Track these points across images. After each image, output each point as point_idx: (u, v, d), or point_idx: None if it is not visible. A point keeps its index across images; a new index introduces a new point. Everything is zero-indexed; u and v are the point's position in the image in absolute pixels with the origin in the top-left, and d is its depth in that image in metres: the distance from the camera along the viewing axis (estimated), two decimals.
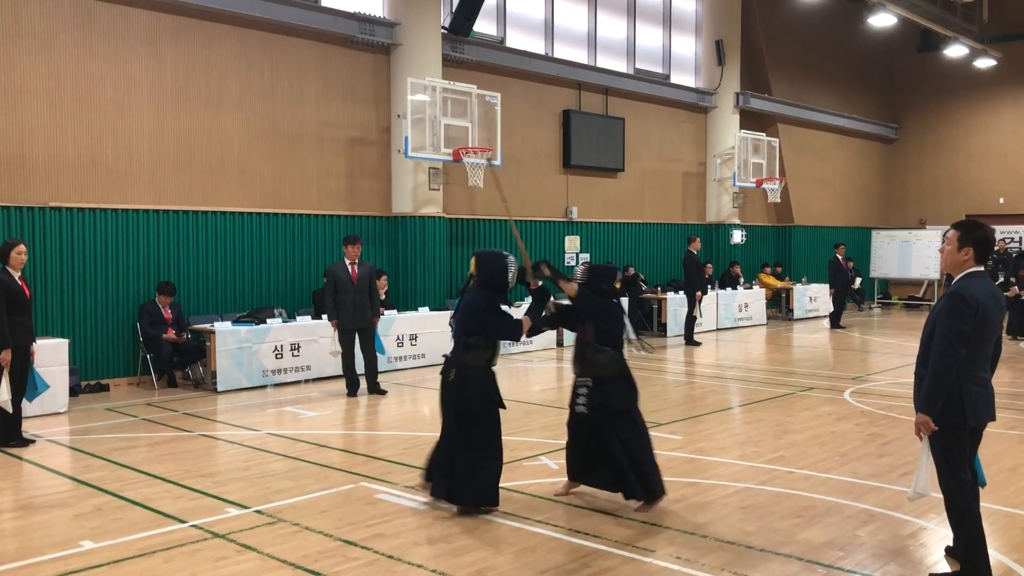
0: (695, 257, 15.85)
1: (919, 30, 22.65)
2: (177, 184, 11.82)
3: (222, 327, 10.90)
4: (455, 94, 13.78)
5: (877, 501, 6.24)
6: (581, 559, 5.13)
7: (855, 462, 7.37)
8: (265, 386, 11.12)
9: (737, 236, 20.46)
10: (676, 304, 16.97)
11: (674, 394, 10.85)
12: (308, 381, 11.55)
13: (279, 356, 11.27)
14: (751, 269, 21.03)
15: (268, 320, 11.41)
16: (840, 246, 19.21)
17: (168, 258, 11.74)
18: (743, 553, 5.22)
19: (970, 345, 4.53)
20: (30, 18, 10.56)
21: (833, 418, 9.23)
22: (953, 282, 4.72)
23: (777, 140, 21.10)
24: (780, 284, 21.21)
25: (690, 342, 15.72)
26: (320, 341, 11.49)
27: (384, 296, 12.53)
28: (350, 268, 10.56)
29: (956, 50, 21.92)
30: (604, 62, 18.11)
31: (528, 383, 11.75)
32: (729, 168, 20.05)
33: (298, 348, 11.46)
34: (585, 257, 17.28)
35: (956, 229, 4.73)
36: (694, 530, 5.61)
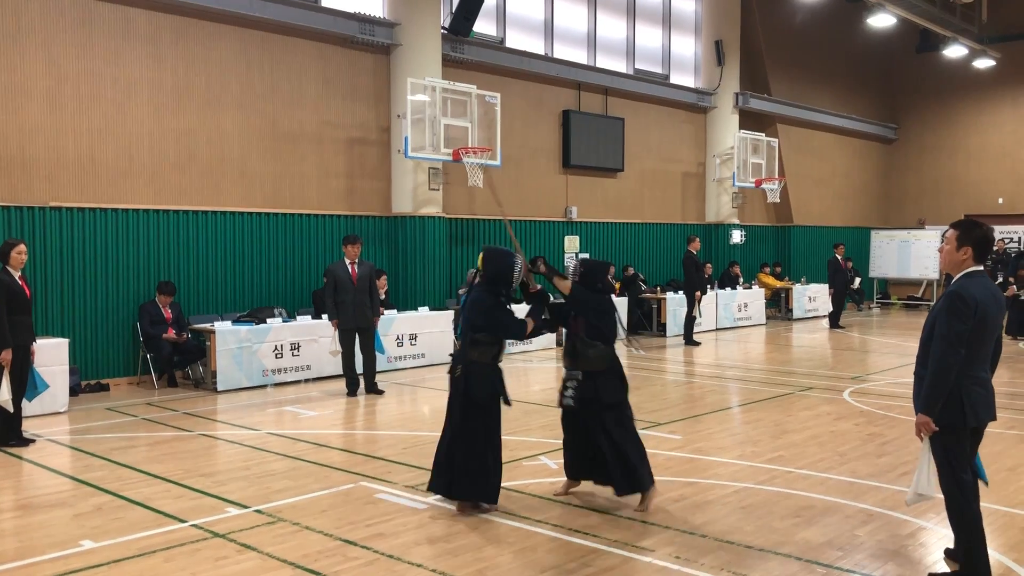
0: (694, 257, 15.85)
1: (918, 30, 22.68)
2: (177, 184, 11.83)
3: (222, 327, 10.91)
4: (455, 94, 13.79)
5: (876, 501, 6.25)
6: (580, 558, 5.13)
7: (854, 462, 7.38)
8: (265, 386, 11.13)
9: (736, 236, 20.47)
10: (675, 304, 16.98)
11: (673, 394, 10.84)
12: (308, 381, 11.56)
13: (279, 356, 11.28)
14: (750, 269, 21.03)
15: (268, 320, 11.42)
16: (839, 246, 19.22)
17: (168, 258, 11.75)
18: (742, 553, 5.23)
19: (970, 345, 4.53)
20: (30, 18, 10.56)
21: (832, 418, 9.24)
22: (952, 282, 4.73)
23: (776, 140, 21.10)
24: (779, 284, 21.21)
25: (689, 342, 15.73)
26: (320, 341, 11.50)
27: (384, 296, 12.53)
28: (350, 268, 10.56)
29: (955, 50, 21.93)
30: (604, 62, 18.12)
31: (528, 383, 11.74)
32: (728, 168, 20.06)
33: (298, 348, 11.47)
34: (585, 257, 17.26)
35: (955, 228, 4.74)
36: (693, 530, 5.62)
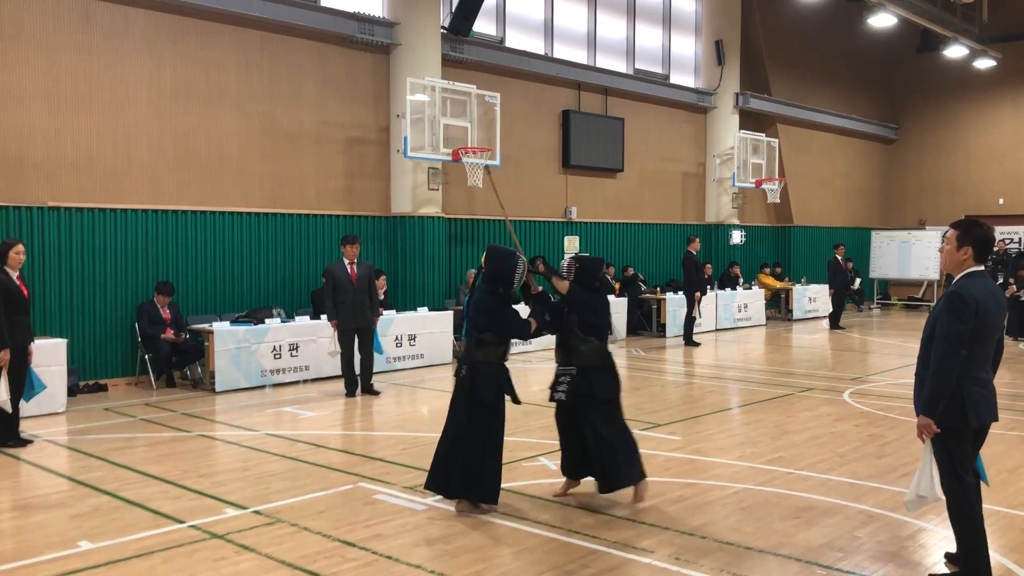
0: (694, 257, 15.84)
1: (919, 30, 22.66)
2: (176, 184, 11.81)
3: (220, 327, 10.89)
4: (454, 94, 13.77)
5: (876, 502, 6.23)
6: (580, 559, 5.12)
7: (854, 463, 7.36)
8: (263, 386, 11.11)
9: (736, 236, 20.46)
10: (675, 304, 16.96)
11: (673, 395, 10.82)
12: (307, 381, 11.54)
13: (277, 356, 11.26)
14: (750, 269, 21.02)
15: (266, 320, 11.40)
16: (839, 246, 19.20)
17: (166, 258, 11.73)
18: (742, 554, 5.21)
19: (971, 346, 4.50)
20: (29, 18, 10.54)
21: (832, 419, 9.22)
22: (953, 282, 4.71)
23: (776, 140, 21.09)
24: (779, 284, 21.20)
25: (689, 343, 15.71)
26: (319, 341, 11.48)
27: (383, 296, 12.52)
28: (349, 268, 10.55)
29: (956, 50, 21.91)
30: (604, 62, 18.11)
31: (527, 383, 11.71)
32: (728, 168, 20.05)
33: (296, 348, 11.45)
34: (578, 254, 17.26)
35: (955, 228, 4.72)
36: (693, 531, 5.61)
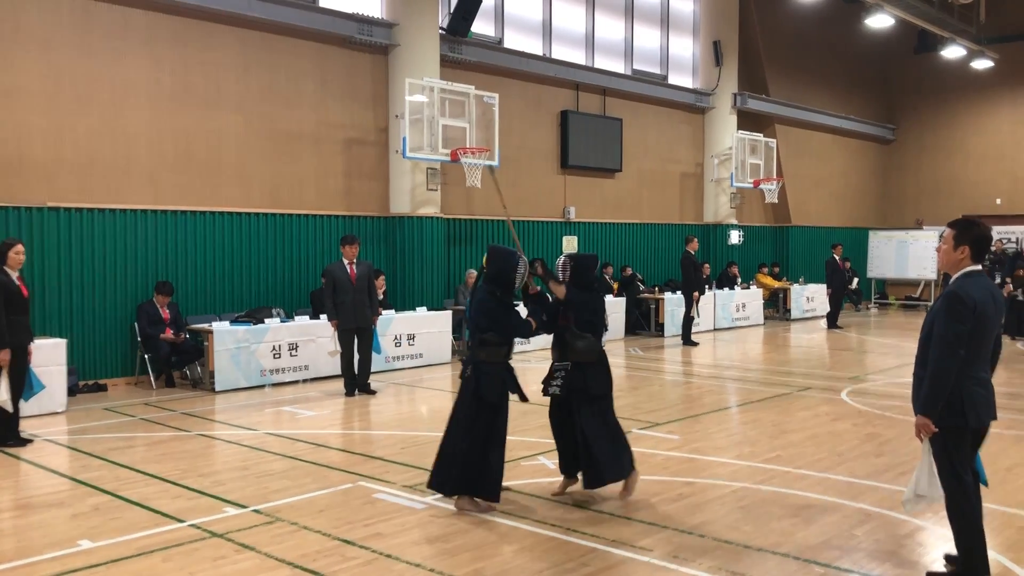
0: (693, 257, 15.86)
1: (916, 31, 22.72)
2: (175, 184, 11.82)
3: (220, 327, 10.90)
4: (453, 94, 13.78)
5: (874, 500, 6.25)
6: (579, 558, 5.13)
7: (852, 462, 7.38)
8: (263, 386, 11.12)
9: (735, 236, 20.49)
10: (674, 304, 16.98)
11: (672, 394, 10.84)
12: (306, 381, 11.55)
13: (277, 356, 11.27)
14: (748, 269, 21.04)
15: (266, 320, 11.41)
16: (837, 246, 19.23)
17: (166, 258, 11.74)
18: (740, 552, 5.23)
19: (969, 345, 4.51)
20: (28, 18, 10.55)
21: (830, 418, 9.24)
22: (950, 282, 4.72)
23: (774, 141, 21.12)
24: (777, 284, 21.22)
25: (688, 342, 15.73)
26: (318, 341, 11.49)
27: (382, 296, 12.53)
28: (348, 268, 10.56)
29: (953, 51, 21.94)
30: (602, 63, 18.13)
31: (526, 383, 11.67)
32: (727, 168, 20.07)
33: (296, 348, 11.46)
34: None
35: (952, 228, 4.73)
36: (691, 529, 5.63)
